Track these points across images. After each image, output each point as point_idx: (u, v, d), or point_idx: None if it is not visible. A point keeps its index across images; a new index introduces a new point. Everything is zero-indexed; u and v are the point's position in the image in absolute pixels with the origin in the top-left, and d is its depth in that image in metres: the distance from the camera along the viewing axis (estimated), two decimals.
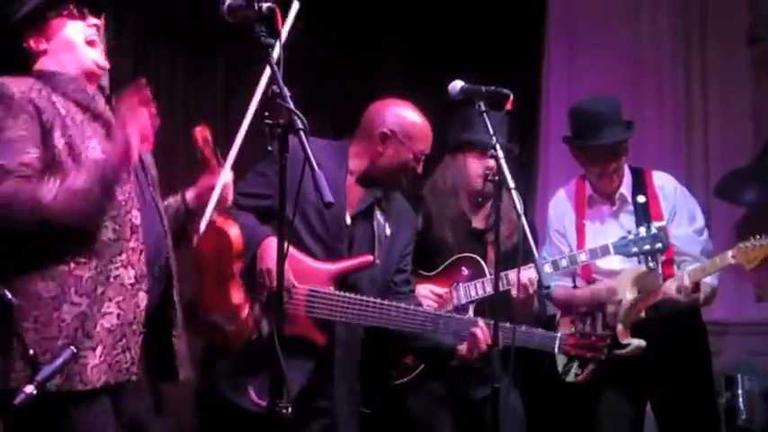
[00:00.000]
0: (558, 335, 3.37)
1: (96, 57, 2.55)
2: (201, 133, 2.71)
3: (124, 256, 2.45)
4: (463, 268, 3.54)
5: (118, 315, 2.41)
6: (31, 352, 2.16)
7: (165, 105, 4.72)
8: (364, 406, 3.39)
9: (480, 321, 3.24)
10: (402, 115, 3.22)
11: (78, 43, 2.53)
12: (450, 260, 3.55)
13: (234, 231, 2.79)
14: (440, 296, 3.49)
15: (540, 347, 3.34)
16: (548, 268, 3.49)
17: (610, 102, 3.79)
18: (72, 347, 2.21)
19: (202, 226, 2.68)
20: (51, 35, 2.53)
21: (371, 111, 3.26)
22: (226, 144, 2.78)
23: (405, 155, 3.18)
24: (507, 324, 3.07)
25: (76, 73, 2.53)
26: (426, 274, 3.56)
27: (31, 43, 2.53)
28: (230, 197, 2.77)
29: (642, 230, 3.51)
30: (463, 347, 3.24)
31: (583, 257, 3.56)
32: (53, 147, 2.39)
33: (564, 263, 3.56)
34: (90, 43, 2.55)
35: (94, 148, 2.44)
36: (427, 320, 3.22)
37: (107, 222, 2.44)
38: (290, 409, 2.22)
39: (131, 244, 2.47)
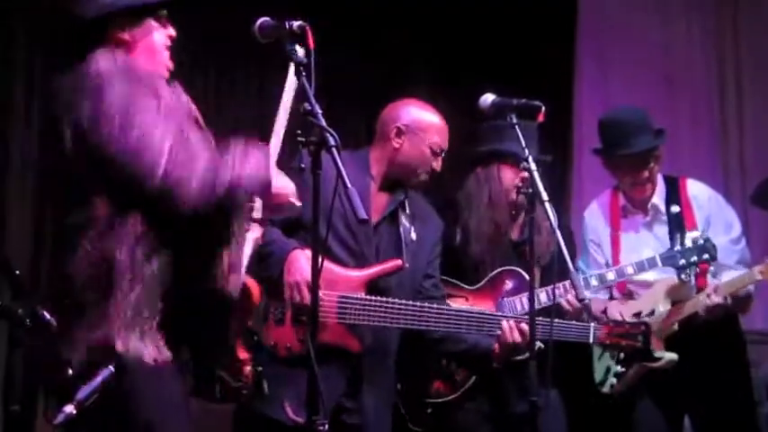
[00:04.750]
0: (593, 324, 3.33)
1: (169, 64, 2.58)
2: None
3: None
4: (507, 281, 3.51)
5: None
6: (70, 372, 2.18)
7: None
8: (412, 424, 3.40)
9: (509, 318, 3.24)
10: (414, 110, 3.26)
11: (160, 48, 2.56)
12: (493, 273, 3.52)
13: (254, 285, 2.80)
14: None
15: (575, 339, 3.31)
16: (594, 282, 3.48)
17: (638, 111, 3.78)
18: (111, 367, 2.22)
19: (240, 278, 2.63)
20: (140, 33, 2.52)
21: (385, 113, 3.30)
22: None
23: (421, 148, 3.20)
24: (543, 319, 3.04)
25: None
26: (469, 288, 3.54)
27: (117, 32, 2.50)
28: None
29: (688, 241, 3.50)
30: (497, 346, 3.24)
31: (630, 270, 3.54)
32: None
33: (611, 276, 3.54)
34: (167, 49, 2.58)
35: (195, 137, 2.43)
36: (461, 320, 3.22)
37: None
38: (326, 426, 2.22)
39: None
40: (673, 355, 3.50)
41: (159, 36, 2.55)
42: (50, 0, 2.77)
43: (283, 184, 2.45)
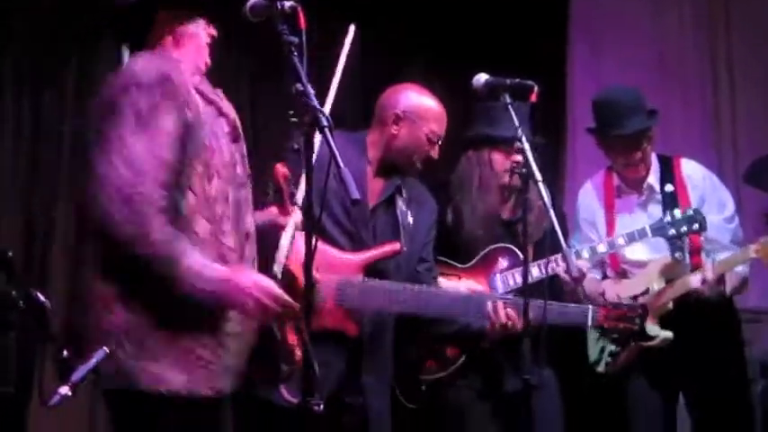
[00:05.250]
0: (590, 307, 3.34)
1: (207, 60, 2.56)
2: (282, 172, 2.71)
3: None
4: (500, 259, 3.53)
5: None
6: (65, 353, 2.18)
7: None
8: (406, 401, 3.41)
9: (498, 300, 3.24)
10: (413, 96, 3.25)
11: (203, 42, 2.55)
12: (486, 251, 3.54)
13: (301, 274, 2.79)
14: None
15: (573, 322, 3.32)
16: (585, 254, 3.49)
17: (631, 91, 3.78)
18: (105, 348, 2.22)
19: (277, 269, 2.65)
20: (188, 23, 2.52)
21: (383, 97, 3.29)
22: None
23: (418, 135, 3.19)
24: (539, 301, 3.05)
25: (193, 68, 2.51)
26: (462, 266, 3.55)
27: (163, 19, 2.50)
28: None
29: (678, 212, 3.51)
30: (489, 326, 3.24)
31: (621, 241, 3.55)
32: (193, 146, 2.37)
33: (602, 248, 3.55)
34: (208, 45, 2.57)
35: (224, 149, 2.44)
36: (458, 303, 3.23)
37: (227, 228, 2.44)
38: (321, 406, 2.23)
39: (246, 253, 2.49)
40: (668, 334, 3.51)
41: (203, 30, 2.55)
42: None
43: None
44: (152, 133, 2.31)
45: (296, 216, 2.67)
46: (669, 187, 3.75)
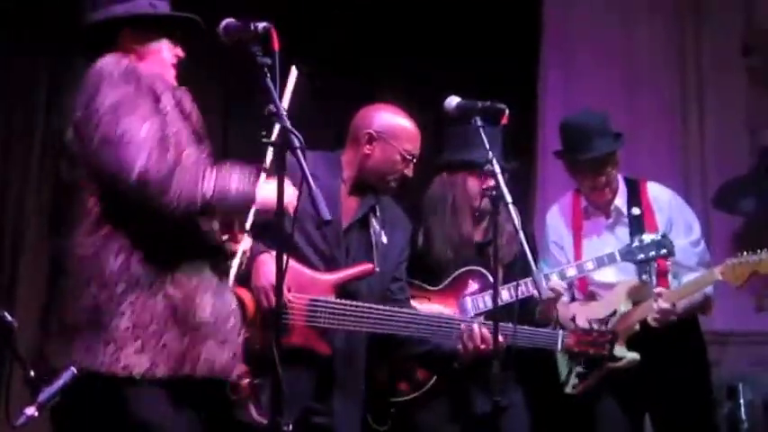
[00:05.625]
0: (560, 332, 3.36)
1: (172, 77, 2.62)
2: None
3: None
4: (470, 281, 3.55)
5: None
6: (32, 374, 2.16)
7: None
8: (375, 423, 3.41)
9: (473, 323, 3.25)
10: (387, 116, 3.26)
11: (168, 62, 2.62)
12: (456, 274, 3.55)
13: (248, 297, 2.79)
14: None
15: (543, 346, 3.34)
16: (555, 277, 3.50)
17: (598, 115, 3.82)
18: (73, 368, 2.21)
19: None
20: (149, 46, 2.58)
21: (357, 117, 3.30)
22: None
23: (392, 155, 3.21)
24: (509, 324, 3.06)
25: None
26: (432, 288, 3.57)
27: (128, 36, 2.57)
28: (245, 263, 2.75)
29: (646, 237, 3.54)
30: (461, 347, 3.25)
31: (590, 266, 3.58)
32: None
33: (572, 272, 3.58)
34: (173, 66, 2.63)
35: (191, 149, 2.48)
36: (429, 324, 3.24)
37: None
38: (290, 427, 2.23)
39: None
40: (635, 355, 3.54)
41: (167, 53, 2.61)
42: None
43: (270, 195, 2.44)
44: (139, 118, 2.37)
45: (245, 243, 2.66)
46: (636, 210, 3.78)
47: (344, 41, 4.96)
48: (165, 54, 2.60)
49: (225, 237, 2.64)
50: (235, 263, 2.66)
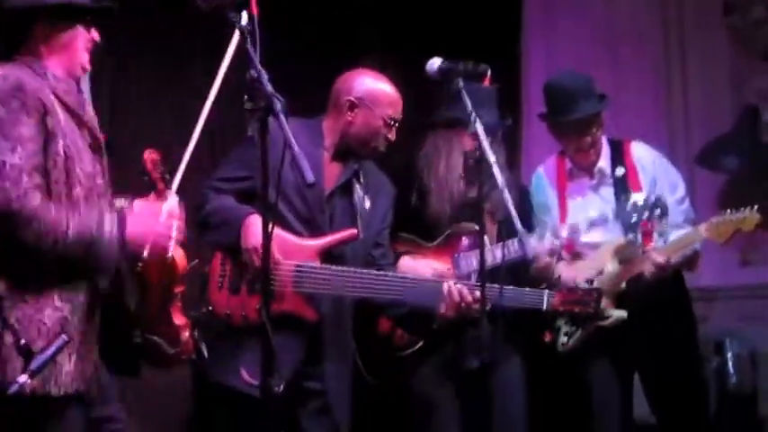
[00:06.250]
0: (546, 291, 3.39)
1: (86, 63, 2.59)
2: (150, 157, 2.71)
3: None
4: (463, 238, 3.55)
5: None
6: (23, 342, 2.18)
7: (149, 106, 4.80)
8: (371, 377, 3.44)
9: (450, 281, 3.26)
10: (367, 82, 3.26)
11: (80, 49, 2.57)
12: (450, 231, 3.56)
13: (178, 253, 2.80)
14: (441, 274, 3.48)
15: (529, 306, 3.36)
16: (548, 236, 3.50)
17: (581, 76, 3.82)
18: (64, 335, 2.23)
19: (147, 249, 2.62)
20: (63, 33, 2.53)
21: (338, 83, 3.29)
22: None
23: (374, 121, 3.21)
24: (495, 285, 3.08)
25: (65, 75, 2.54)
26: (426, 245, 3.58)
27: (40, 29, 2.52)
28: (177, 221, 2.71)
29: (640, 198, 3.56)
30: (442, 307, 3.26)
31: (583, 227, 3.58)
32: (53, 155, 2.40)
33: (564, 232, 3.57)
34: (86, 50, 2.58)
35: (85, 159, 2.46)
36: (416, 287, 3.25)
37: None
38: (281, 387, 2.25)
39: None
40: (622, 313, 3.56)
41: (82, 38, 2.56)
42: None
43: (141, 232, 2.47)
44: (14, 142, 2.33)
45: (171, 200, 2.64)
46: (620, 170, 3.80)
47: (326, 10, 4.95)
48: (79, 40, 2.56)
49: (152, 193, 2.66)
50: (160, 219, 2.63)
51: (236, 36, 2.36)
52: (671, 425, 3.79)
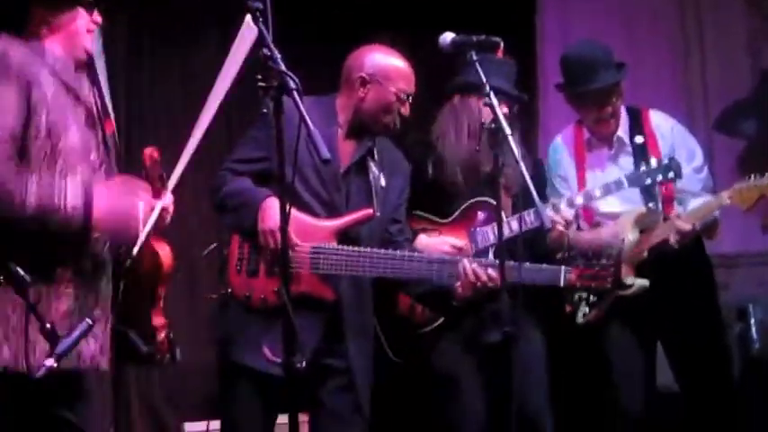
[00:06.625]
0: (563, 267, 3.38)
1: (89, 45, 2.62)
2: (150, 154, 2.73)
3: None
4: (479, 213, 3.55)
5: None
6: (48, 326, 2.21)
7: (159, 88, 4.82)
8: (394, 355, 3.46)
9: (465, 260, 3.26)
10: (378, 57, 3.25)
11: (81, 31, 2.60)
12: (465, 205, 3.56)
13: (165, 252, 2.80)
14: (459, 249, 3.49)
15: (547, 282, 3.36)
16: (563, 206, 3.51)
17: (600, 46, 3.80)
18: (88, 320, 2.25)
19: (137, 246, 2.63)
20: (63, 13, 2.57)
21: (349, 59, 3.28)
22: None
23: (386, 96, 3.20)
24: (512, 262, 3.08)
25: (66, 56, 2.57)
26: (441, 221, 3.58)
27: (39, 12, 2.56)
28: (168, 220, 2.73)
29: (653, 161, 3.54)
30: (459, 286, 3.27)
31: (597, 193, 3.58)
32: (35, 128, 2.43)
33: (579, 200, 3.58)
34: (88, 32, 2.61)
35: (74, 135, 2.49)
36: (432, 266, 3.23)
37: None
38: (303, 364, 2.27)
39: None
40: (644, 282, 3.56)
41: (82, 21, 2.59)
42: None
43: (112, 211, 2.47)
44: None
45: (165, 199, 2.65)
46: (639, 139, 3.79)
47: None
48: (79, 23, 2.59)
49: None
50: (152, 218, 2.63)
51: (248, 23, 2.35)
52: (695, 392, 3.79)
